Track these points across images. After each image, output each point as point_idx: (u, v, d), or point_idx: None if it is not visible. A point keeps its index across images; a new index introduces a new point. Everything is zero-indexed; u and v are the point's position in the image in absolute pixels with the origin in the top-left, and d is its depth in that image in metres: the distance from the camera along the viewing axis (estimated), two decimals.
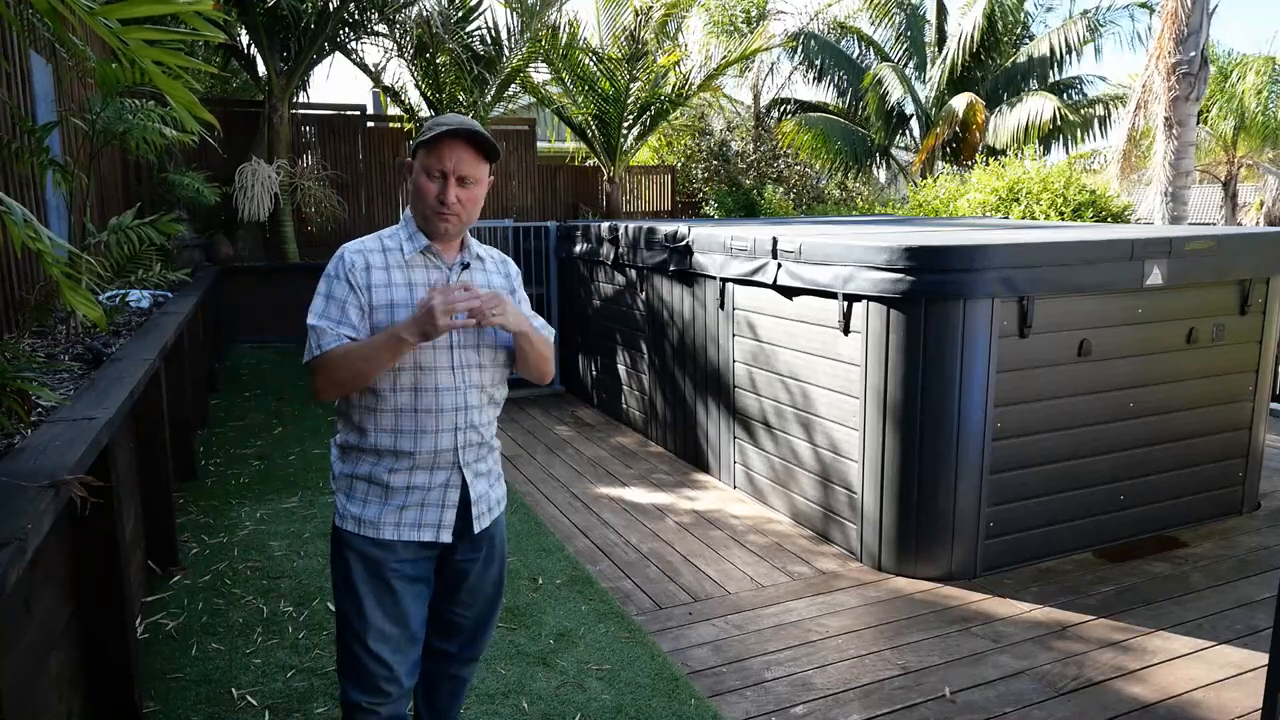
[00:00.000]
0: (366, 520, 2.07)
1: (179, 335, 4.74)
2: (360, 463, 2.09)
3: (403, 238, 2.11)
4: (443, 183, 2.01)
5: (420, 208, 2.06)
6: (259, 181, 9.71)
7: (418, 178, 2.04)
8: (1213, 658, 3.23)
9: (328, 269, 2.10)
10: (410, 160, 2.08)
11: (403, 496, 2.07)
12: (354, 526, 2.08)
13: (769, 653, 3.29)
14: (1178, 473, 4.41)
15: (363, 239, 2.14)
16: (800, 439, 4.49)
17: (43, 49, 5.13)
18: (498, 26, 10.77)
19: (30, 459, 2.29)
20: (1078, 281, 3.90)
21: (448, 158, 2.00)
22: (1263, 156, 22.41)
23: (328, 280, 2.07)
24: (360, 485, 2.09)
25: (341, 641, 2.16)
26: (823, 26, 16.39)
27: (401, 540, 2.08)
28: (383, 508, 2.07)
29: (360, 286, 2.03)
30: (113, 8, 1.88)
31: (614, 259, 6.49)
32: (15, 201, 2.13)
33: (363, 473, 2.08)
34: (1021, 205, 9.57)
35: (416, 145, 2.04)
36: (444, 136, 1.99)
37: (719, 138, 15.99)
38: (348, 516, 2.09)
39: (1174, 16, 9.65)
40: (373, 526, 2.07)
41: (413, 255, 2.08)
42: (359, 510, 2.08)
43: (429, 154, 2.01)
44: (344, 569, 2.11)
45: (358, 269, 2.05)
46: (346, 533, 2.09)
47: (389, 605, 2.10)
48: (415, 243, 2.09)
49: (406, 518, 2.08)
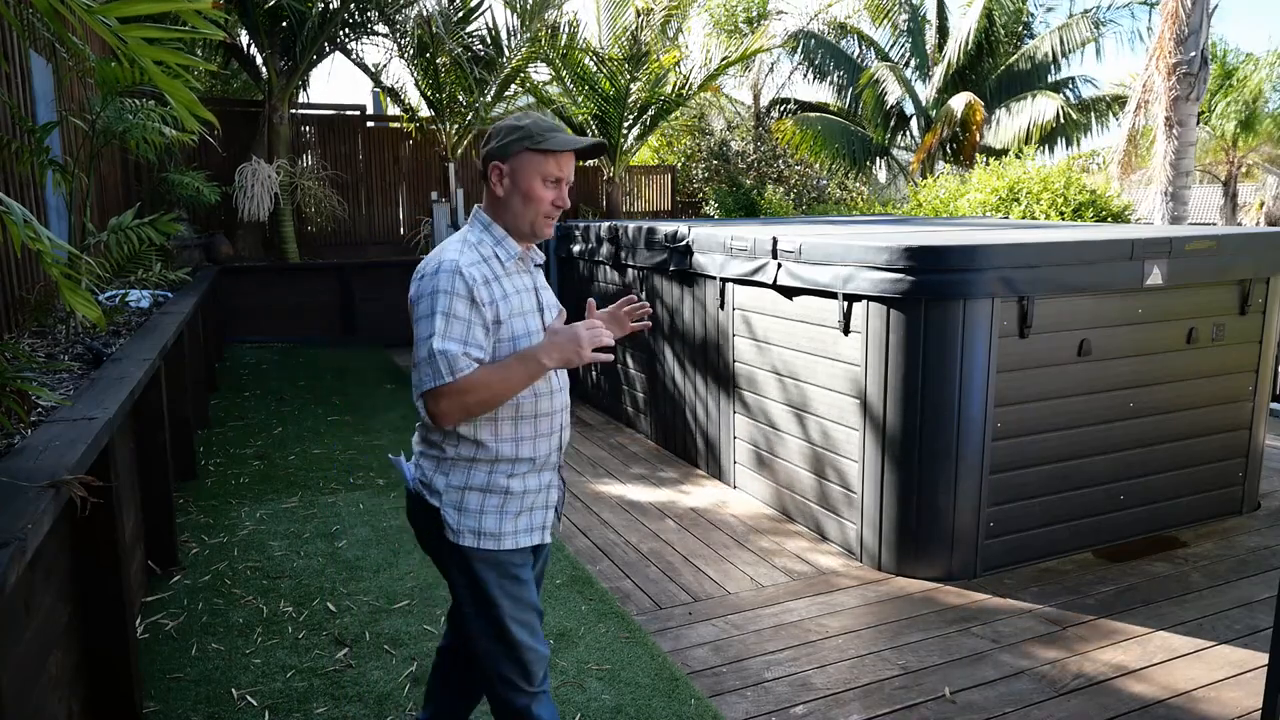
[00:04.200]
0: (487, 533, 2.06)
1: (179, 335, 4.74)
2: (474, 473, 2.05)
3: (492, 244, 2.06)
4: (558, 189, 2.04)
5: (529, 215, 2.04)
6: (259, 181, 9.72)
7: (530, 184, 2.01)
8: (1213, 657, 3.23)
9: (438, 285, 1.95)
10: (500, 164, 2.04)
11: (519, 501, 2.09)
12: (473, 541, 2.05)
13: (769, 653, 3.29)
14: (1178, 473, 4.41)
15: (455, 250, 2.01)
16: (800, 438, 4.49)
17: (43, 49, 5.13)
18: (498, 27, 10.78)
19: (30, 459, 2.29)
20: (1078, 281, 3.90)
21: (566, 165, 2.04)
22: (1263, 156, 22.41)
23: (444, 298, 1.93)
24: (474, 496, 2.05)
25: (490, 648, 2.11)
26: (823, 26, 16.39)
27: (516, 547, 2.10)
28: (500, 516, 2.07)
29: (484, 302, 1.96)
30: (112, 6, 1.88)
31: (614, 259, 6.49)
32: (15, 201, 2.13)
33: (478, 483, 2.05)
34: (1021, 205, 9.57)
35: (524, 148, 2.01)
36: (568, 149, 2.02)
37: (719, 138, 16.00)
38: (464, 532, 2.05)
39: (1174, 16, 9.65)
40: (493, 539, 2.06)
41: (509, 263, 2.06)
42: (475, 524, 2.05)
43: (548, 161, 2.01)
44: (474, 582, 2.08)
45: (479, 283, 1.96)
46: (467, 548, 2.06)
47: (525, 596, 2.11)
48: (508, 248, 2.06)
49: (521, 523, 2.10)
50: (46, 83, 5.33)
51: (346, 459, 5.71)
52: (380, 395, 7.62)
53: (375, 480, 5.29)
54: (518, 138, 2.02)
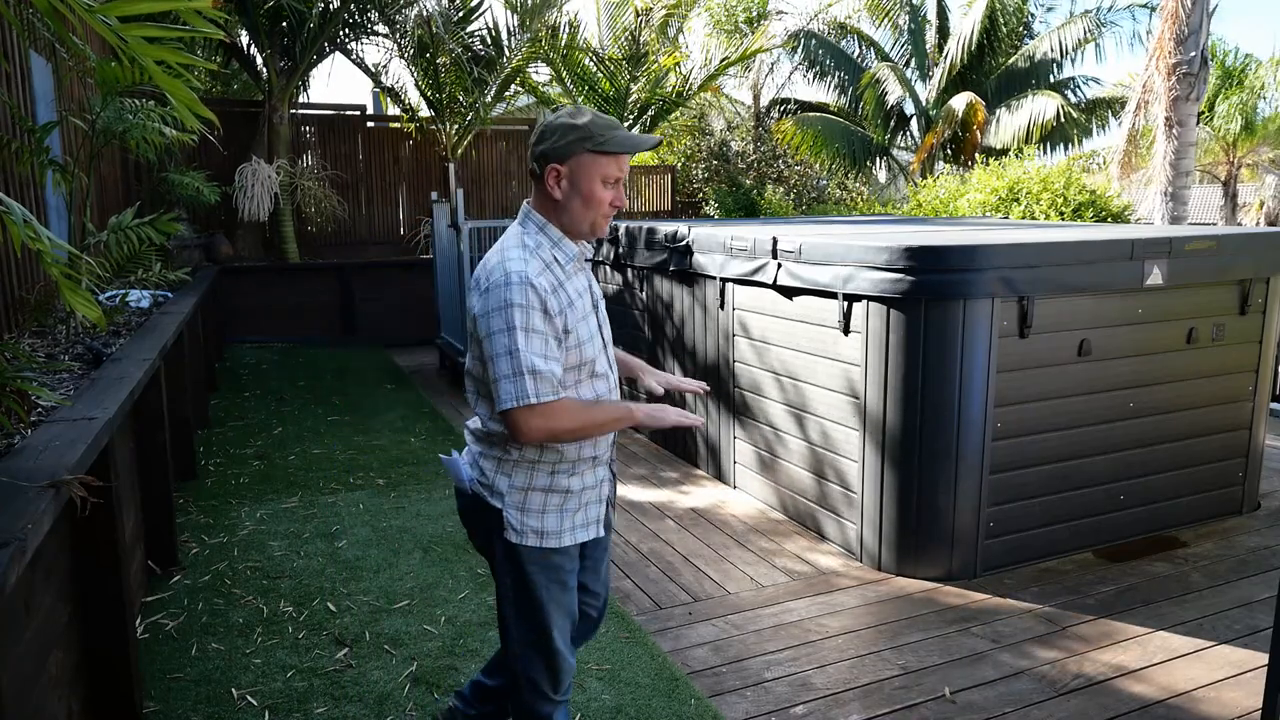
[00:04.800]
0: (548, 532, 2.09)
1: (179, 335, 4.74)
2: (537, 474, 2.07)
3: (550, 246, 2.04)
4: (616, 189, 2.04)
5: (588, 215, 2.03)
6: (259, 181, 9.72)
7: (590, 185, 1.99)
8: (1213, 657, 3.23)
9: (511, 299, 1.91)
10: (558, 166, 1.99)
11: (578, 498, 2.12)
12: (535, 540, 2.07)
13: (769, 653, 3.29)
14: (1177, 473, 4.41)
15: (519, 258, 1.98)
16: (800, 438, 4.49)
17: (43, 49, 5.13)
18: (498, 27, 10.79)
19: (30, 459, 2.30)
20: (1078, 281, 3.90)
21: (625, 164, 2.04)
22: (1263, 157, 22.42)
23: (520, 312, 1.91)
24: (537, 497, 2.08)
25: (523, 651, 2.14)
26: (823, 26, 16.39)
27: (574, 543, 2.14)
28: (561, 515, 2.10)
29: (554, 313, 1.96)
30: (113, 6, 1.88)
31: (614, 259, 6.49)
32: (15, 201, 2.13)
33: (540, 484, 2.08)
34: (1021, 205, 9.57)
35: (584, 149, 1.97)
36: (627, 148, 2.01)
37: (719, 138, 16.00)
38: (527, 532, 2.07)
39: (1174, 16, 9.65)
40: (554, 537, 2.09)
41: (570, 264, 2.07)
42: (538, 523, 2.08)
43: (609, 163, 2.00)
44: (522, 581, 2.10)
45: (548, 293, 1.95)
46: (526, 548, 2.07)
47: (566, 602, 2.15)
48: (566, 250, 2.06)
49: (579, 519, 2.14)
50: (46, 83, 5.33)
51: (346, 459, 5.71)
52: (380, 395, 7.62)
53: (375, 480, 5.29)
54: (577, 138, 1.97)
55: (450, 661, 3.19)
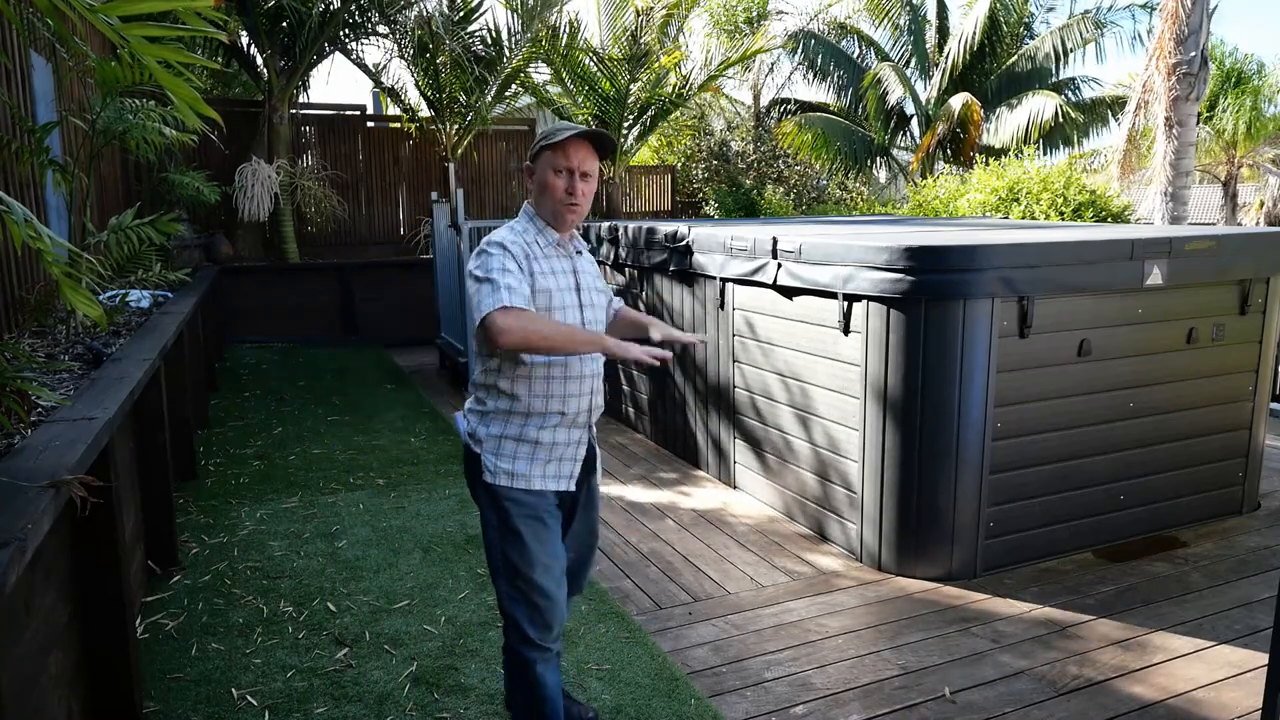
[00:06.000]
0: (519, 474, 2.35)
1: (179, 335, 4.74)
2: (509, 424, 2.36)
3: (534, 232, 2.38)
4: (569, 178, 2.32)
5: (549, 204, 2.35)
6: (259, 181, 9.72)
7: (545, 176, 2.33)
8: (1213, 658, 3.23)
9: (489, 251, 2.26)
10: (530, 165, 2.39)
11: (548, 451, 2.38)
12: (507, 480, 2.34)
13: (769, 653, 3.29)
14: (1177, 473, 4.41)
15: (501, 234, 2.33)
16: (800, 439, 4.49)
17: (43, 49, 5.13)
18: (498, 27, 10.79)
19: (30, 459, 2.30)
20: (1078, 281, 3.90)
21: (573, 156, 2.31)
22: (1264, 157, 22.43)
23: (497, 258, 2.24)
24: (509, 444, 2.36)
25: (509, 589, 2.35)
26: (823, 26, 16.38)
27: (548, 489, 2.39)
28: (531, 462, 2.36)
29: (523, 267, 2.28)
30: (114, 5, 1.88)
31: (614, 259, 6.49)
32: (15, 201, 2.13)
33: (512, 433, 2.35)
34: (1021, 205, 9.57)
35: (540, 148, 2.33)
36: (571, 138, 2.29)
37: (719, 138, 16.00)
38: (499, 473, 2.34)
39: (1174, 16, 9.65)
40: (524, 479, 2.35)
41: (548, 248, 2.38)
42: (510, 465, 2.35)
43: (556, 154, 2.31)
44: (502, 515, 2.35)
45: (520, 256, 2.29)
46: (500, 487, 2.35)
47: (547, 539, 2.37)
48: (547, 236, 2.39)
49: (550, 470, 2.39)
50: (46, 82, 5.33)
51: (346, 459, 5.71)
52: (380, 395, 7.62)
53: (375, 480, 5.29)
54: (539, 142, 2.37)
55: (450, 661, 3.19)
